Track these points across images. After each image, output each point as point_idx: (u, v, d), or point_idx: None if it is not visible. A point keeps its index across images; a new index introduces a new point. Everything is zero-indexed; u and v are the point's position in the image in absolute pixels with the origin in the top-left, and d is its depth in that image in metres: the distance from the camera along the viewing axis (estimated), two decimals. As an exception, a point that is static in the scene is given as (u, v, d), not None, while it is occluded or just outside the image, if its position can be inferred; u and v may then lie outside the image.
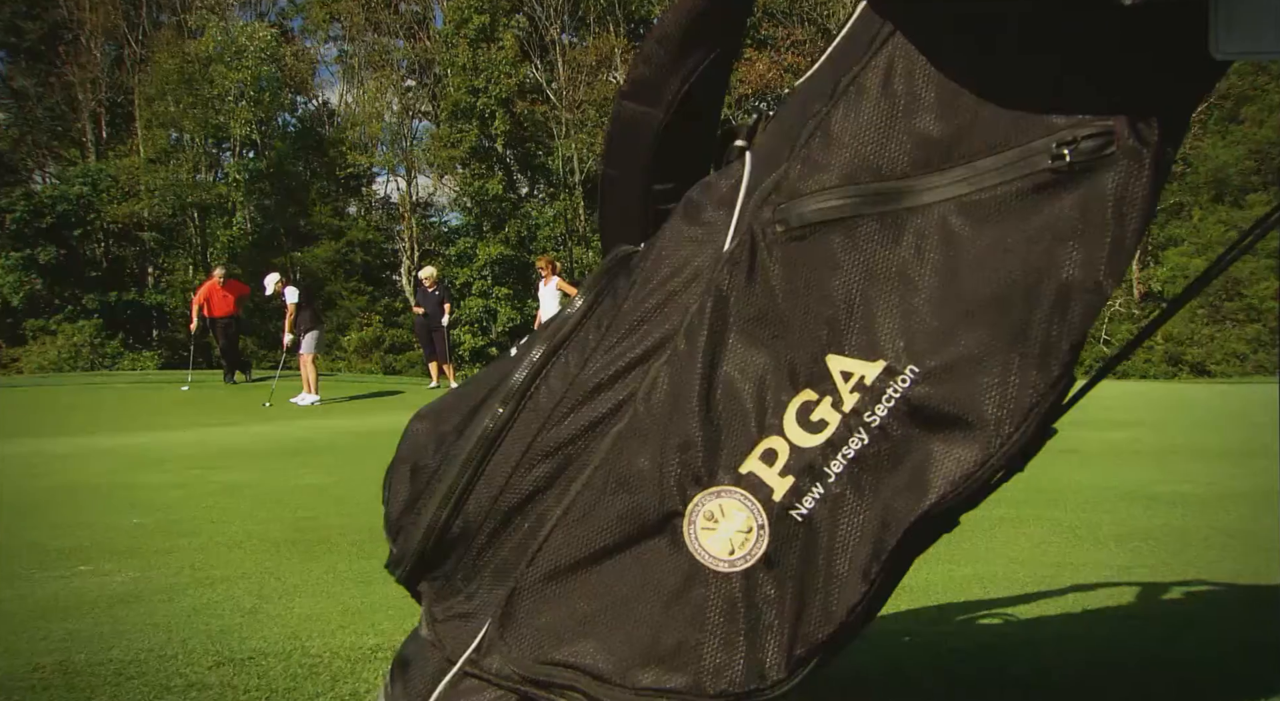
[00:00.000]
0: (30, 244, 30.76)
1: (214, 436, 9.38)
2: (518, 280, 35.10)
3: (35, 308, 31.54)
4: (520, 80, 35.37)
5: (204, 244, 34.26)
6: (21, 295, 30.89)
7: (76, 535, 3.73)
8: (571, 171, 36.40)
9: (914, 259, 1.06)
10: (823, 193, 1.10)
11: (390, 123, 37.55)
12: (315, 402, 14.76)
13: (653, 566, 1.13)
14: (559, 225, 36.27)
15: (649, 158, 1.31)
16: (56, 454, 7.88)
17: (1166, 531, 3.36)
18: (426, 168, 37.77)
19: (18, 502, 4.94)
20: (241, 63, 32.95)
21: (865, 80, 1.09)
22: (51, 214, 30.86)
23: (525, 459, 1.21)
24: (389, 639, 2.16)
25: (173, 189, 32.89)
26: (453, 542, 1.24)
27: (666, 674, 1.08)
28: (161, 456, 7.22)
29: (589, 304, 1.24)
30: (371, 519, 3.80)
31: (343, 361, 31.40)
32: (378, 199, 40.82)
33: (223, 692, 1.86)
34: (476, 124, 34.74)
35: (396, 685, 1.29)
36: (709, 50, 1.26)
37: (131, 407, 14.36)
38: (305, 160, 36.98)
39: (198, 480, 5.59)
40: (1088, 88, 0.99)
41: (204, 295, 16.95)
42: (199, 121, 33.30)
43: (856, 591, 1.04)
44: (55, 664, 2.04)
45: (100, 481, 5.73)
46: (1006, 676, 1.80)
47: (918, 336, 1.04)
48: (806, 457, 1.09)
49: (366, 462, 6.27)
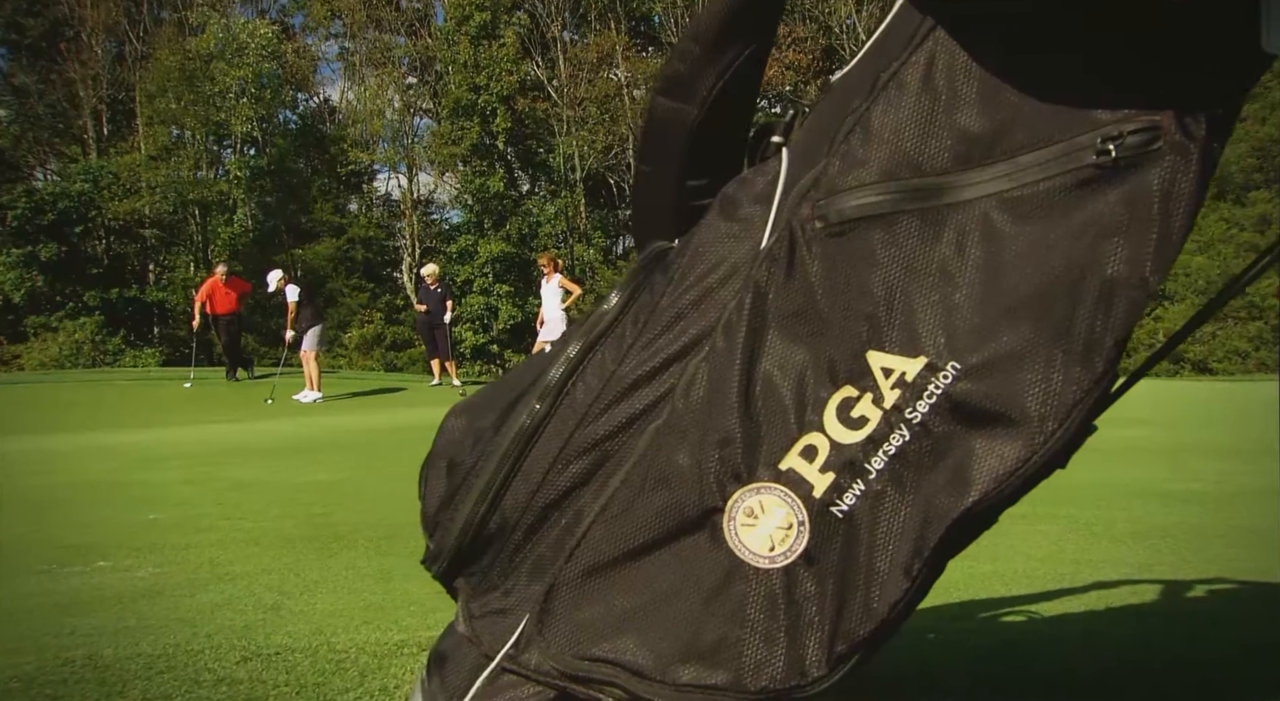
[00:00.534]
0: (31, 241, 30.76)
1: (220, 433, 9.39)
2: (519, 277, 35.10)
3: (36, 304, 31.53)
4: (521, 77, 35.35)
5: (205, 241, 34.25)
6: (23, 292, 30.89)
7: (93, 531, 3.74)
8: (573, 169, 36.39)
9: (955, 255, 1.05)
10: (862, 188, 1.09)
11: (391, 120, 37.53)
12: (317, 399, 14.79)
13: (692, 562, 1.13)
14: (560, 222, 36.27)
15: (683, 154, 1.31)
16: (64, 451, 7.89)
17: (1183, 529, 3.37)
18: (428, 165, 37.77)
19: (31, 498, 4.96)
20: (242, 60, 32.92)
21: (905, 76, 1.09)
22: (53, 211, 30.85)
23: (562, 455, 1.21)
24: (413, 635, 2.17)
25: (174, 186, 32.89)
26: (490, 538, 1.25)
27: (707, 670, 1.08)
28: (169, 453, 7.24)
29: (625, 300, 1.24)
30: (385, 516, 3.84)
31: (344, 359, 31.41)
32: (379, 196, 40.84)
33: (253, 687, 1.87)
34: (478, 121, 34.73)
35: (434, 680, 1.29)
36: (744, 46, 1.27)
37: (135, 405, 14.38)
38: (306, 157, 36.97)
39: (207, 477, 5.60)
40: (1134, 82, 0.99)
41: (206, 292, 16.95)
42: (200, 118, 33.27)
43: (899, 588, 1.04)
44: (84, 658, 2.06)
45: (111, 478, 5.74)
46: (1033, 674, 1.80)
47: (959, 332, 1.04)
48: (847, 454, 1.09)
49: (374, 460, 6.30)
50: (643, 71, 36.79)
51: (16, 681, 1.93)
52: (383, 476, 5.37)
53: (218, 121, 33.65)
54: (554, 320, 15.79)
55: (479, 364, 33.47)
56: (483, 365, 33.68)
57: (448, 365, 17.41)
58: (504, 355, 34.81)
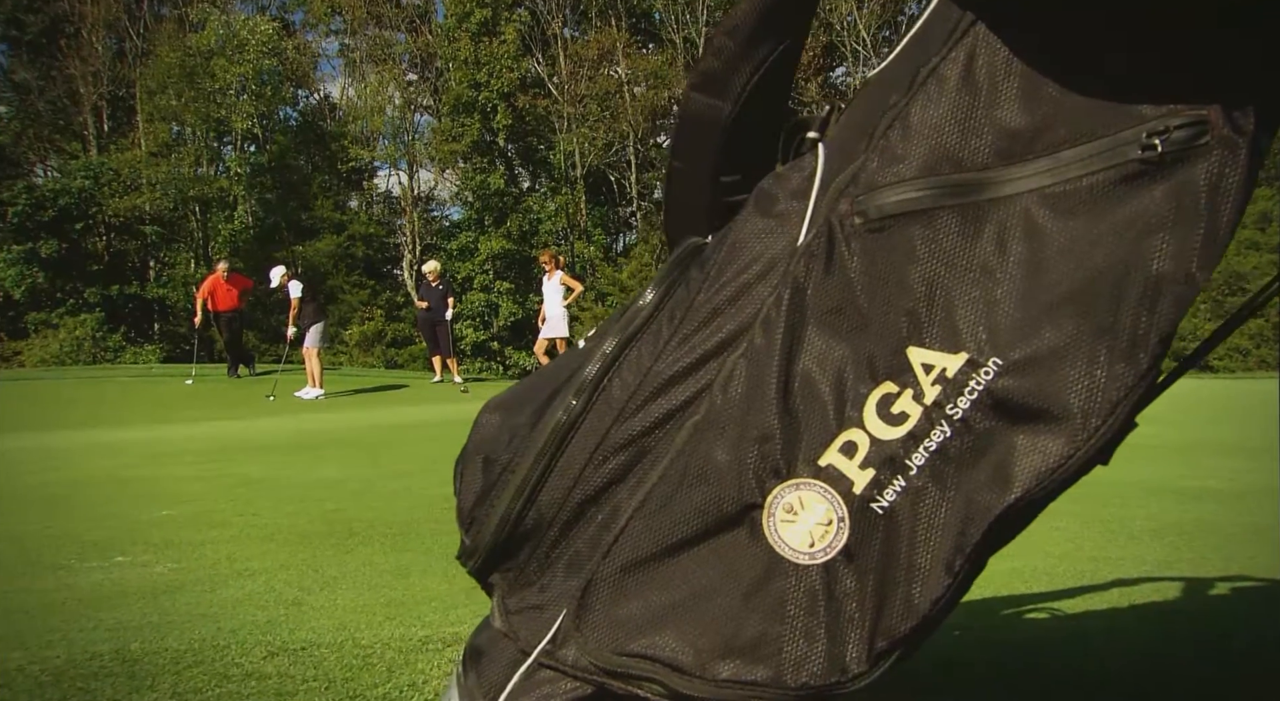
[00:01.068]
0: (32, 237, 30.78)
1: (225, 430, 9.39)
2: (519, 275, 35.12)
3: (37, 301, 31.56)
4: (522, 74, 35.34)
5: (205, 238, 34.27)
6: (23, 288, 30.92)
7: (108, 527, 3.75)
8: (573, 166, 36.39)
9: (996, 251, 1.04)
10: (902, 184, 1.09)
11: (392, 117, 37.53)
12: (319, 396, 14.80)
13: (731, 558, 1.12)
14: (560, 220, 36.27)
15: (717, 150, 1.30)
16: (72, 447, 7.89)
17: (1200, 526, 3.37)
18: (428, 162, 37.78)
19: (43, 494, 4.96)
20: (243, 56, 32.94)
21: (945, 71, 1.08)
22: (53, 207, 30.86)
23: (599, 451, 1.21)
24: (437, 631, 2.17)
25: (174, 183, 32.91)
26: (526, 534, 1.24)
27: (747, 666, 1.08)
28: (177, 450, 7.24)
29: (661, 296, 1.23)
30: (397, 512, 3.85)
31: (344, 355, 31.42)
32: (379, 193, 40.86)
33: (282, 682, 1.87)
34: (478, 118, 34.74)
35: (470, 675, 1.29)
36: (779, 42, 1.25)
37: (138, 401, 14.38)
38: (307, 154, 36.97)
39: (217, 473, 5.61)
40: (1180, 75, 0.97)
41: (208, 289, 16.93)
42: (200, 115, 33.27)
43: (940, 584, 1.03)
44: (111, 652, 2.07)
45: (120, 474, 5.75)
46: (1059, 671, 1.80)
47: (1000, 329, 1.03)
48: (887, 450, 1.08)
49: (382, 457, 6.31)
50: (643, 68, 36.79)
51: (47, 675, 1.94)
52: (392, 473, 5.37)
53: (218, 118, 33.66)
54: (555, 317, 15.80)
55: (479, 360, 33.49)
56: (483, 362, 33.70)
57: (449, 362, 17.40)
58: (504, 352, 34.82)
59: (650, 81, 36.98)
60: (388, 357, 32.40)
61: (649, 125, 37.95)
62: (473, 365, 31.47)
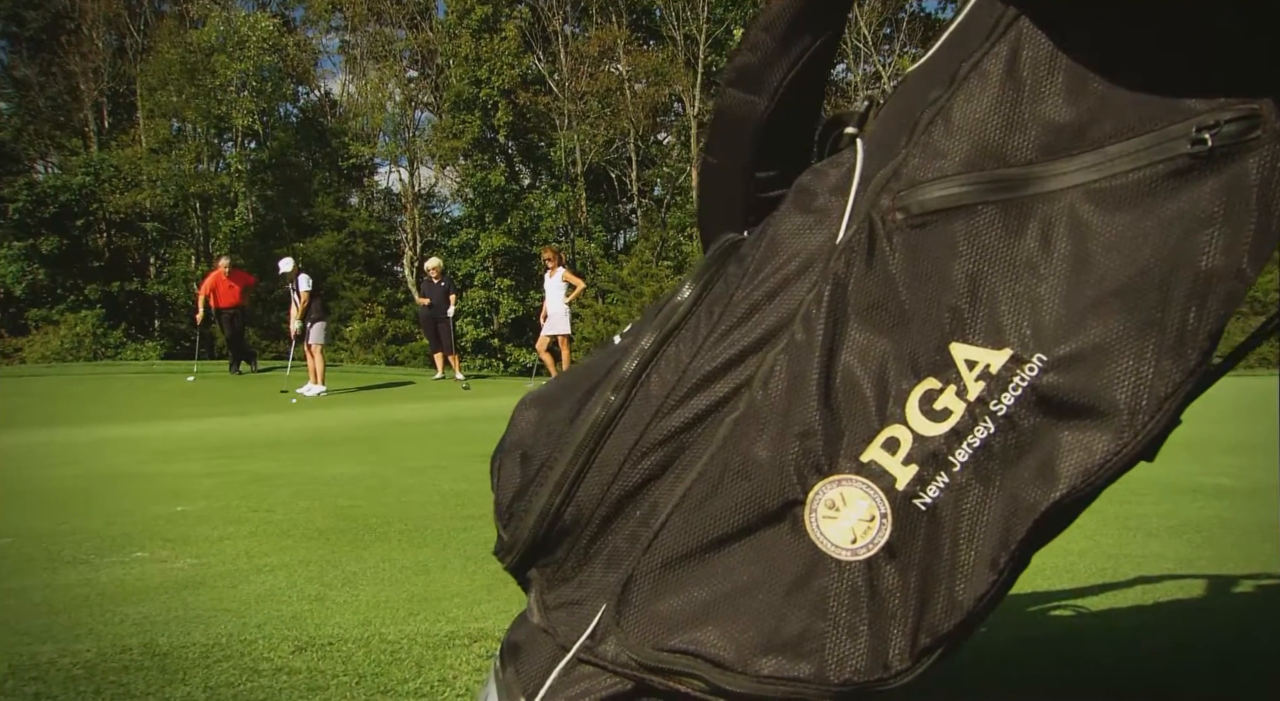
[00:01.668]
0: (33, 234, 30.79)
1: (232, 427, 9.40)
2: (520, 271, 35.14)
3: (38, 297, 31.57)
4: (523, 71, 35.34)
5: (206, 234, 34.28)
6: (24, 285, 30.94)
7: (124, 522, 3.76)
8: (574, 163, 36.39)
9: (1040, 246, 1.04)
10: (945, 179, 1.08)
11: (392, 113, 37.54)
12: (322, 393, 14.82)
13: (773, 554, 1.12)
14: (561, 217, 36.28)
15: (752, 145, 1.30)
16: (80, 443, 7.90)
17: (1217, 524, 3.37)
18: (429, 159, 37.77)
19: (56, 490, 4.97)
20: (243, 53, 32.93)
21: (987, 66, 1.07)
22: (54, 204, 30.86)
23: (637, 447, 1.20)
24: (462, 626, 2.18)
25: (175, 179, 32.92)
26: (564, 530, 1.24)
27: (789, 662, 1.07)
28: (186, 446, 7.25)
29: (698, 292, 1.23)
30: (412, 509, 3.87)
31: (345, 352, 31.41)
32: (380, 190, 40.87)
33: (312, 677, 1.88)
34: (479, 115, 34.74)
35: (508, 670, 1.29)
36: (815, 36, 1.25)
37: (141, 398, 14.40)
38: (307, 151, 36.95)
39: (228, 469, 5.61)
40: (1230, 69, 0.96)
41: (210, 286, 16.91)
42: (201, 111, 33.27)
43: (984, 581, 1.02)
44: (140, 646, 2.08)
45: (131, 470, 5.75)
46: (1090, 669, 1.80)
47: (1045, 324, 1.03)
48: (930, 446, 1.08)
49: (391, 453, 6.32)
50: (644, 65, 36.77)
51: (79, 668, 1.95)
52: (404, 470, 5.38)
53: (219, 115, 33.65)
54: (558, 314, 15.82)
55: (480, 358, 33.49)
56: (484, 358, 33.71)
57: (451, 359, 17.41)
58: (505, 349, 34.83)
59: (651, 78, 36.99)
60: (388, 354, 32.39)
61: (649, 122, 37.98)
62: (473, 362, 31.48)
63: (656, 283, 31.11)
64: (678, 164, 38.27)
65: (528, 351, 32.33)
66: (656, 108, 38.00)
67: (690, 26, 36.23)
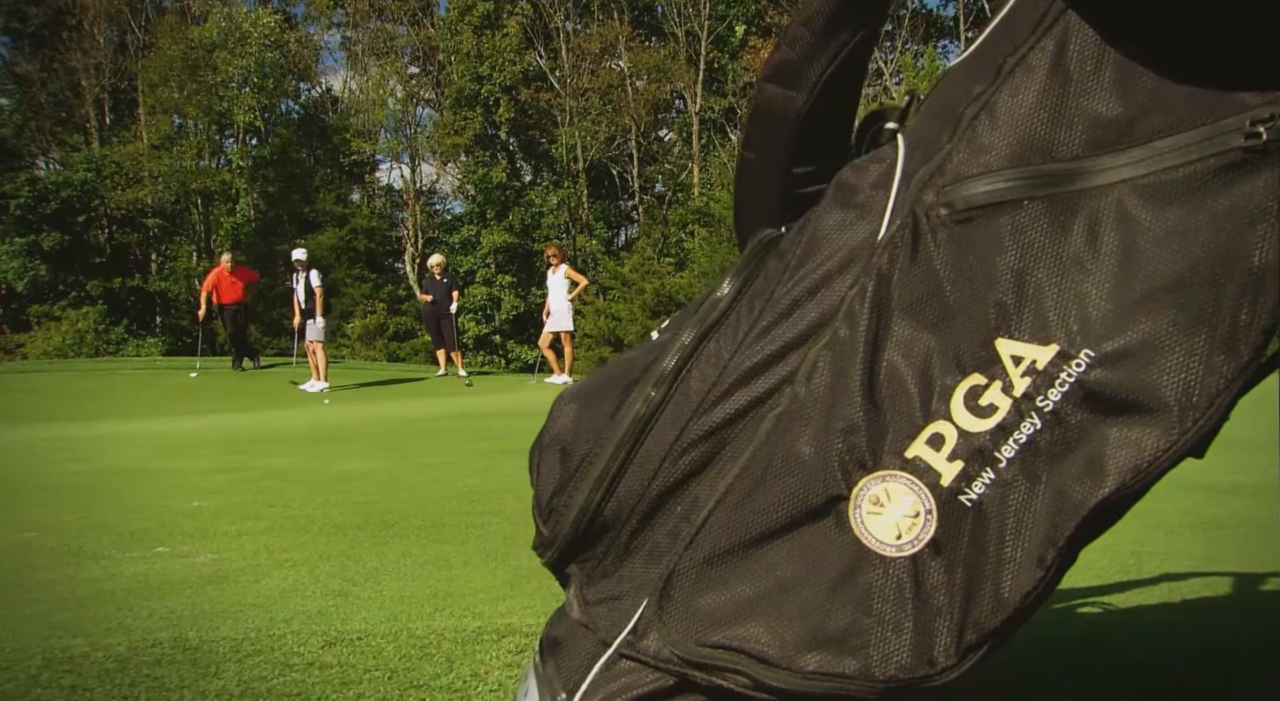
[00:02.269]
0: (35, 230, 30.82)
1: (239, 423, 9.41)
2: (521, 268, 35.15)
3: (39, 293, 31.61)
4: (524, 67, 35.33)
5: (208, 231, 34.32)
6: (26, 281, 30.97)
7: (141, 517, 3.77)
8: (575, 159, 36.39)
9: (1087, 242, 1.03)
10: (990, 175, 1.08)
11: (394, 110, 37.54)
12: (324, 389, 14.84)
13: (817, 550, 1.12)
14: (562, 213, 36.28)
15: (790, 140, 1.29)
16: (90, 438, 7.91)
17: (1238, 521, 3.36)
18: (430, 155, 37.79)
19: (72, 485, 4.97)
20: (245, 49, 32.94)
21: (1033, 61, 1.07)
22: (56, 200, 30.89)
23: (678, 443, 1.20)
24: (489, 622, 2.19)
25: (176, 175, 32.97)
26: (605, 526, 1.24)
27: (834, 657, 1.07)
28: (195, 442, 7.26)
29: (739, 288, 1.23)
30: (428, 505, 3.88)
31: (347, 349, 31.43)
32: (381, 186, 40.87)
33: (344, 672, 1.89)
34: (480, 111, 34.74)
35: (549, 665, 1.28)
36: (854, 32, 1.25)
37: (145, 394, 14.40)
38: (309, 147, 36.95)
39: (240, 465, 5.62)
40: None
41: (212, 282, 16.89)
42: (202, 108, 33.29)
43: (1031, 578, 1.02)
44: (170, 640, 2.09)
45: (143, 466, 5.76)
46: (1125, 667, 1.81)
47: (1093, 320, 1.02)
48: (975, 442, 1.07)
49: (402, 449, 6.32)
50: (645, 62, 36.78)
51: (112, 661, 1.97)
52: (416, 466, 5.39)
53: (220, 111, 33.67)
54: (560, 311, 15.84)
55: (482, 354, 33.52)
56: (485, 355, 33.73)
57: (454, 355, 17.43)
58: (506, 346, 34.85)
59: (652, 75, 36.98)
60: (390, 351, 32.41)
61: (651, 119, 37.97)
62: (474, 358, 31.50)
63: (658, 279, 31.10)
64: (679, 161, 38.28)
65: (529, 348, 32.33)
66: (658, 104, 37.99)
67: (692, 23, 36.22)
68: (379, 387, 15.83)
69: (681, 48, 36.57)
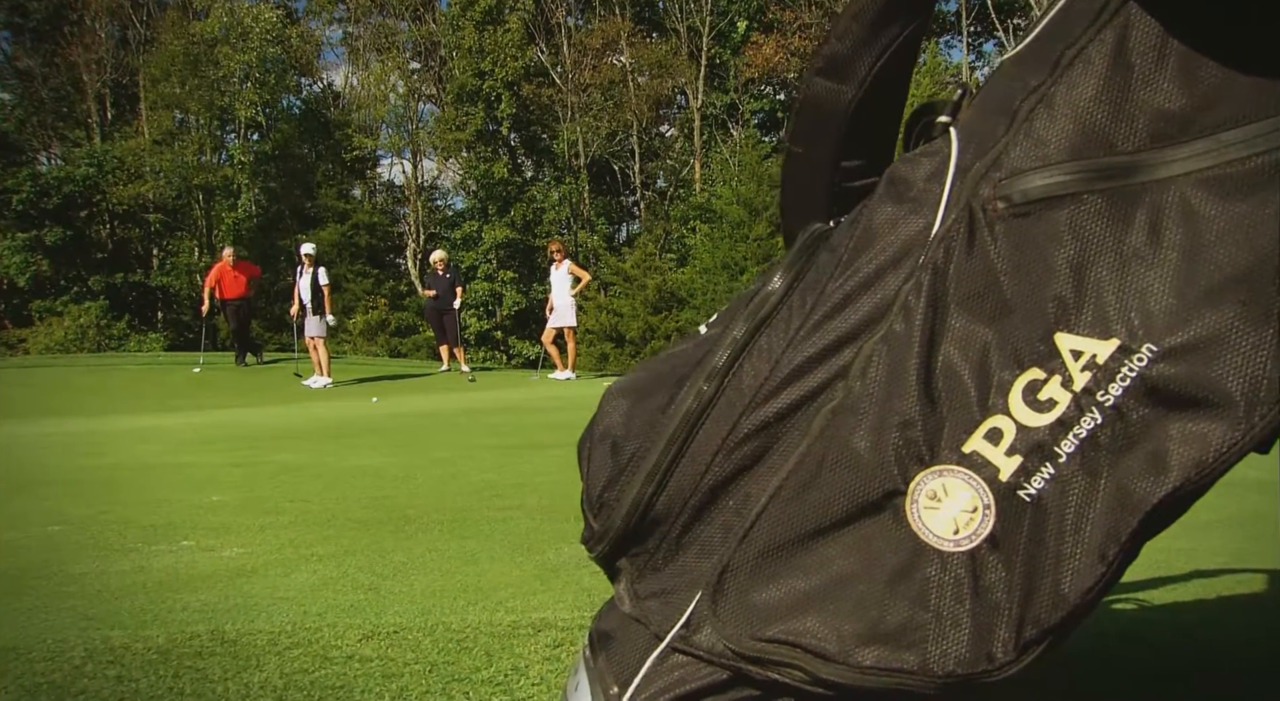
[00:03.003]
0: (36, 225, 30.86)
1: (248, 418, 9.42)
2: (523, 264, 35.17)
3: (41, 288, 31.63)
4: (526, 63, 35.33)
5: (209, 226, 34.33)
6: (28, 276, 30.97)
7: (163, 512, 3.78)
8: (577, 155, 36.40)
9: (1149, 235, 1.03)
10: (1048, 168, 1.07)
11: (395, 105, 37.54)
12: (327, 385, 14.87)
13: (874, 545, 1.12)
14: (564, 209, 36.29)
15: (838, 135, 1.29)
16: (100, 433, 7.91)
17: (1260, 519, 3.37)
18: (431, 151, 37.79)
19: (91, 479, 4.98)
20: (247, 44, 32.97)
21: (1092, 52, 1.06)
22: (57, 195, 30.92)
23: (730, 438, 1.20)
24: (524, 616, 2.19)
25: (178, 170, 32.99)
26: (656, 520, 1.24)
27: (892, 652, 1.06)
28: (205, 437, 7.27)
29: (790, 282, 1.23)
30: (446, 500, 3.89)
31: (348, 345, 31.45)
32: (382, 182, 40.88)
33: (384, 665, 1.90)
34: (482, 107, 34.74)
35: (600, 658, 1.27)
36: (905, 25, 1.24)
37: (150, 390, 14.42)
38: (310, 142, 36.96)
39: (254, 460, 5.63)
40: None
41: (215, 277, 16.87)
42: (204, 103, 33.33)
43: (1093, 574, 1.01)
44: (208, 632, 2.10)
45: (157, 460, 5.77)
46: (1169, 664, 1.82)
47: (1155, 314, 1.02)
48: (1034, 437, 1.07)
49: (414, 444, 6.33)
50: (647, 58, 36.77)
51: (153, 653, 1.98)
52: (430, 461, 5.40)
53: (222, 106, 33.69)
54: (563, 306, 15.87)
55: (484, 349, 33.55)
56: (487, 351, 33.76)
57: (456, 351, 17.44)
58: (508, 341, 34.88)
59: (654, 71, 36.97)
60: (391, 346, 32.42)
61: (653, 115, 37.97)
62: (476, 354, 31.53)
63: (659, 275, 31.12)
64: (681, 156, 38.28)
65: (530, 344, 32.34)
66: (659, 100, 38.00)
67: (694, 19, 36.21)
68: (383, 383, 15.85)
69: (683, 43, 36.58)
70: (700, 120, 36.61)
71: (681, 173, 37.85)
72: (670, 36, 37.28)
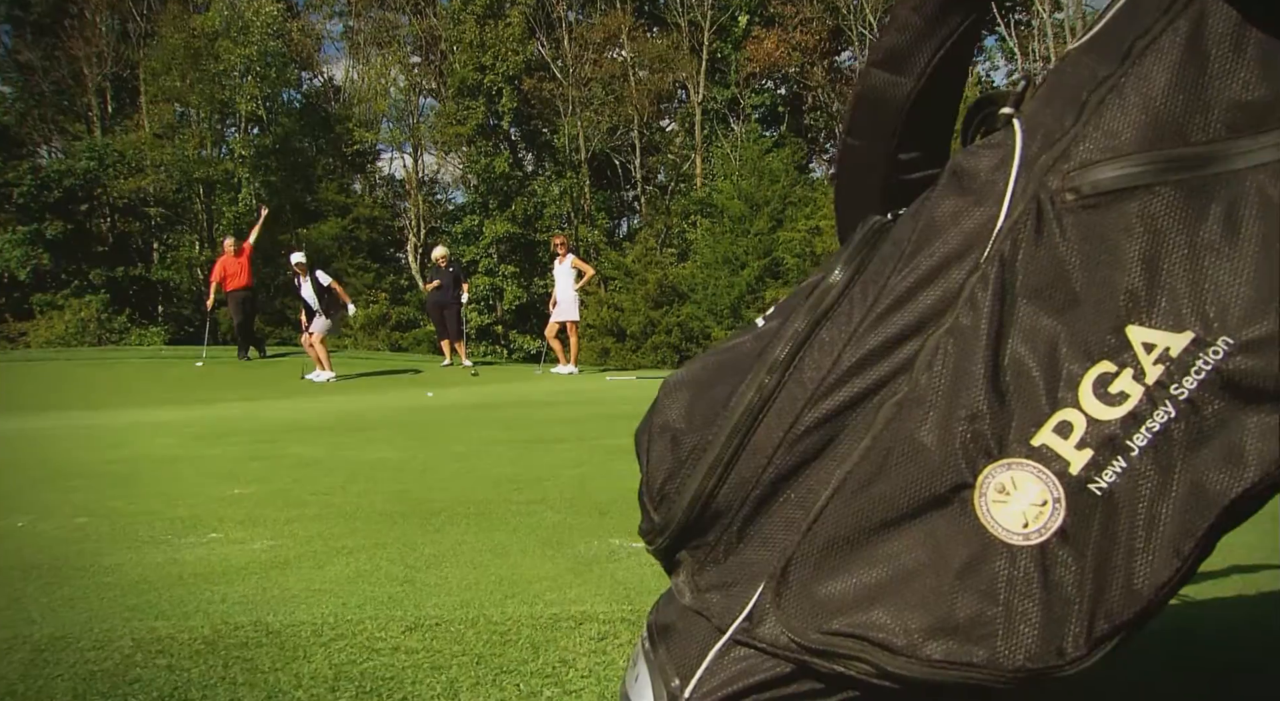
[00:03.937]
0: (37, 218, 30.82)
1: (256, 411, 9.42)
2: (524, 258, 35.18)
3: (42, 282, 31.59)
4: (527, 57, 35.32)
5: (210, 220, 34.30)
6: (28, 269, 30.94)
7: (188, 504, 3.78)
8: (577, 149, 36.39)
9: (1223, 226, 1.02)
10: (1120, 159, 1.06)
11: (396, 99, 37.53)
12: (331, 379, 14.89)
13: (942, 539, 1.11)
14: (565, 203, 36.29)
15: (896, 127, 1.28)
16: (114, 426, 7.91)
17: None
18: (432, 145, 37.77)
19: (112, 472, 4.98)
20: (247, 38, 32.91)
21: (1165, 42, 1.05)
22: (58, 188, 30.88)
23: (792, 431, 1.20)
24: (564, 610, 2.19)
25: (178, 164, 32.94)
26: (717, 513, 1.24)
27: (961, 646, 1.06)
28: (218, 430, 7.27)
29: (851, 275, 1.23)
30: (467, 493, 3.90)
31: (349, 339, 31.44)
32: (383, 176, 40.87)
33: (431, 657, 1.90)
34: (483, 101, 34.73)
35: (660, 650, 1.26)
36: (964, 16, 1.24)
37: (155, 383, 14.42)
38: (311, 136, 36.93)
39: (271, 453, 5.63)
40: None
41: (220, 270, 16.80)
42: (204, 97, 33.28)
43: (1167, 568, 1.01)
44: (251, 623, 2.11)
45: (175, 453, 5.77)
46: (1218, 663, 1.84)
47: (1231, 307, 1.01)
48: (1105, 431, 1.06)
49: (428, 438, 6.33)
50: (648, 52, 36.75)
51: (199, 643, 1.99)
52: (447, 455, 5.40)
53: (222, 100, 33.63)
54: (567, 301, 15.90)
55: (484, 344, 33.54)
56: (488, 345, 33.76)
57: (458, 346, 17.45)
58: (509, 336, 34.89)
59: (655, 65, 36.95)
60: (392, 341, 32.43)
61: (653, 109, 37.95)
62: (477, 348, 31.50)
63: (660, 270, 31.13)
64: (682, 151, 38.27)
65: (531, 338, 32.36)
66: (660, 94, 37.97)
67: (695, 13, 36.18)
68: (387, 377, 15.86)
69: (684, 37, 36.55)
70: (701, 115, 36.60)
71: (682, 167, 37.87)
72: (671, 31, 37.27)
